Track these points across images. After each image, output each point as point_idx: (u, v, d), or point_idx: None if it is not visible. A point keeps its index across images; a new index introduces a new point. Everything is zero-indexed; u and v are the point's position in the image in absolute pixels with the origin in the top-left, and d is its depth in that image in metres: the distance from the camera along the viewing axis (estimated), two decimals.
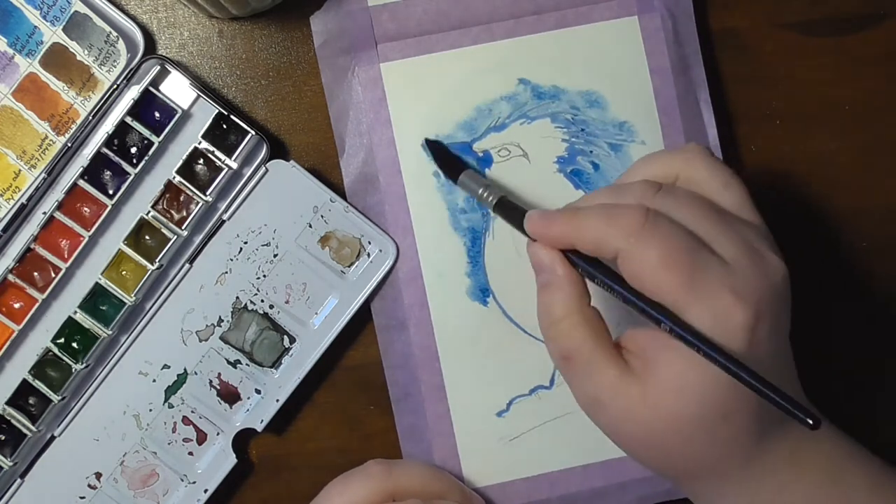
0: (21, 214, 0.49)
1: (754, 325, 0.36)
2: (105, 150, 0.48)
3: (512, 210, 0.45)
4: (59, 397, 0.49)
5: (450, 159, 0.49)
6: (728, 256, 0.37)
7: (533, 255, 0.41)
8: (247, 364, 0.50)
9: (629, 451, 0.41)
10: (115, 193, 0.49)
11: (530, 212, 0.42)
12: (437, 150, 0.49)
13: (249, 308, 0.50)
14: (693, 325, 0.36)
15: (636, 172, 0.42)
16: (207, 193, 0.49)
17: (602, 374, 0.38)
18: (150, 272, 0.49)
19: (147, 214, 0.49)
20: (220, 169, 0.49)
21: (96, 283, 0.49)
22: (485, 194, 0.46)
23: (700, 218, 0.38)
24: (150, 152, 0.49)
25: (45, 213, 0.48)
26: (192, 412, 0.50)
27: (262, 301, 0.50)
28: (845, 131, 0.53)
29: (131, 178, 0.49)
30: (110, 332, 0.49)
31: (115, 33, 0.48)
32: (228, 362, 0.50)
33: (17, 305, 0.49)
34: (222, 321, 0.50)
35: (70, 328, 0.49)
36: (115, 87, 0.49)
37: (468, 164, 0.50)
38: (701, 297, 0.36)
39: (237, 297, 0.50)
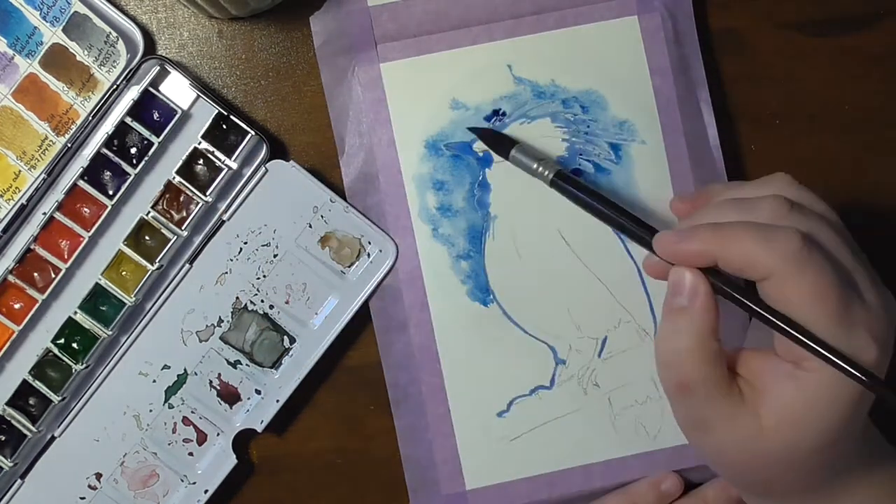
0: (21, 215, 0.49)
1: (879, 361, 0.36)
2: (105, 150, 0.48)
3: (572, 182, 0.45)
4: (60, 398, 0.49)
5: (499, 138, 0.49)
6: (864, 290, 0.37)
7: (675, 275, 0.39)
8: (247, 364, 0.50)
9: (730, 475, 0.41)
10: (115, 194, 0.49)
11: (660, 233, 0.40)
12: (484, 134, 0.49)
13: (249, 308, 0.50)
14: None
15: (732, 192, 0.41)
16: (207, 193, 0.49)
17: (717, 405, 0.38)
18: (150, 272, 0.49)
19: (147, 215, 0.49)
20: (220, 169, 0.49)
21: (96, 284, 0.49)
22: (539, 168, 0.46)
23: (839, 245, 0.37)
24: (150, 153, 0.49)
25: (45, 213, 0.48)
26: (193, 412, 0.50)
27: (262, 301, 0.50)
28: (845, 131, 0.53)
29: (131, 178, 0.49)
30: (110, 333, 0.49)
31: (114, 34, 0.48)
32: (228, 362, 0.50)
33: (17, 306, 0.49)
34: (222, 321, 0.50)
35: (70, 328, 0.49)
36: (114, 87, 0.49)
37: (517, 139, 0.49)
38: (843, 332, 0.36)
39: (237, 298, 0.50)
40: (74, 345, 0.49)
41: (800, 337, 0.36)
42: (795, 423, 0.36)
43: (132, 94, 0.49)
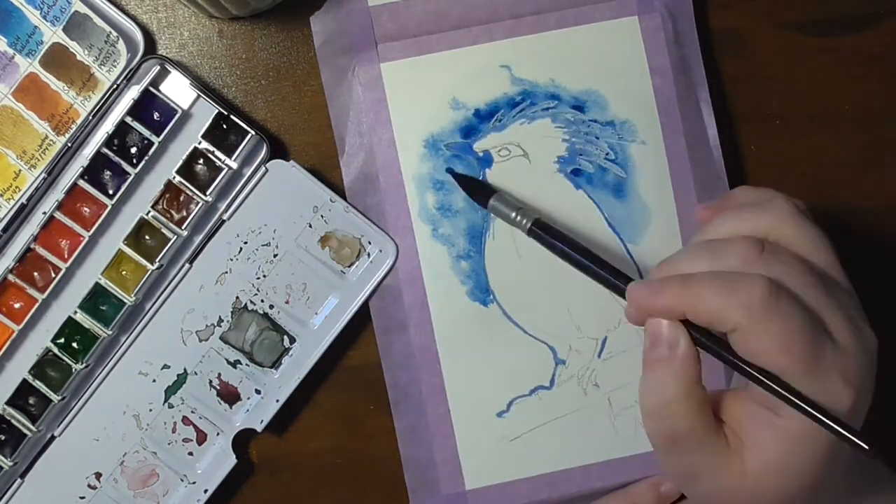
0: (21, 214, 0.49)
1: (856, 404, 0.36)
2: (105, 150, 0.48)
3: (550, 231, 0.44)
4: (59, 397, 0.49)
5: (478, 187, 0.49)
6: (836, 333, 0.37)
7: (653, 327, 0.38)
8: (247, 364, 0.50)
9: None
10: (115, 193, 0.49)
11: (632, 283, 0.40)
12: (464, 181, 0.49)
13: (249, 308, 0.50)
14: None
15: (722, 226, 0.40)
16: (207, 193, 0.49)
17: (705, 453, 0.37)
18: (150, 272, 0.49)
19: (147, 214, 0.49)
20: (220, 169, 0.49)
21: (96, 283, 0.49)
22: (518, 218, 0.46)
23: (811, 287, 0.37)
24: (150, 152, 0.49)
25: (45, 213, 0.48)
26: (192, 412, 0.50)
27: (262, 301, 0.50)
28: (845, 131, 0.53)
29: (131, 178, 0.49)
30: (110, 332, 0.49)
31: (115, 33, 0.48)
32: (228, 362, 0.50)
33: (17, 305, 0.49)
34: (222, 321, 0.50)
35: (70, 328, 0.49)
36: (115, 87, 0.49)
37: (496, 188, 0.49)
38: (814, 379, 0.35)
39: (237, 297, 0.50)
40: (74, 344, 0.49)
41: (773, 386, 0.35)
42: (778, 470, 0.36)
43: (132, 93, 0.49)
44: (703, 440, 0.37)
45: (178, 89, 0.49)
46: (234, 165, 0.49)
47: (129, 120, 0.48)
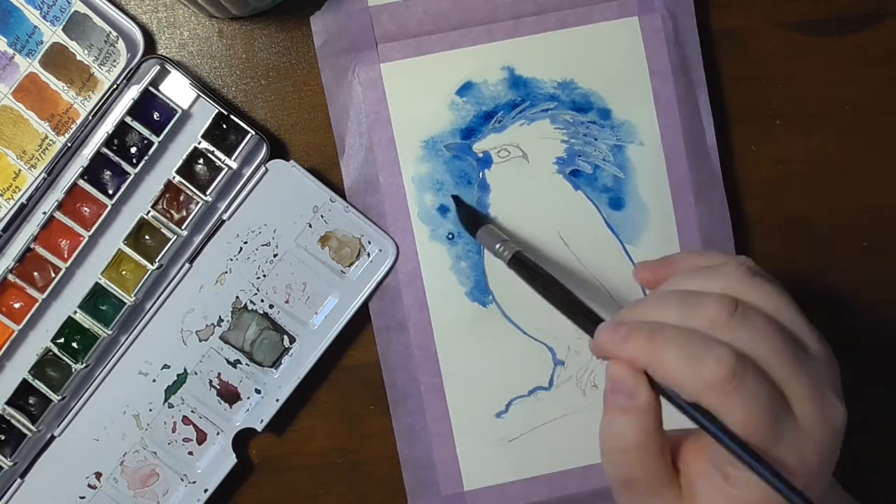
0: (21, 214, 0.49)
1: (812, 481, 0.35)
2: (105, 150, 0.48)
3: (527, 267, 0.44)
4: (59, 397, 0.49)
5: (473, 215, 0.49)
6: (798, 406, 0.36)
7: (614, 373, 0.37)
8: (247, 364, 0.50)
9: None
10: (115, 193, 0.49)
11: (601, 326, 0.38)
12: (463, 209, 0.49)
13: (249, 308, 0.50)
14: None
15: (693, 281, 0.39)
16: (207, 193, 0.49)
17: (659, 498, 0.37)
18: (150, 272, 0.49)
19: (147, 214, 0.49)
20: (220, 169, 0.49)
21: (96, 283, 0.49)
22: (500, 249, 0.46)
23: (779, 354, 0.36)
24: (150, 152, 0.49)
25: (45, 212, 0.48)
26: (192, 412, 0.50)
27: (262, 301, 0.50)
28: (845, 131, 0.53)
29: (131, 178, 0.49)
30: (110, 332, 0.49)
31: (115, 33, 0.48)
32: (228, 362, 0.50)
33: (17, 305, 0.49)
34: (222, 321, 0.50)
35: (70, 328, 0.49)
36: (114, 86, 0.49)
37: (491, 219, 0.49)
38: (771, 456, 0.35)
39: (237, 297, 0.50)
40: (74, 344, 0.49)
41: (736, 450, 0.35)
42: None
43: (132, 93, 0.49)
44: (656, 487, 0.37)
45: (177, 89, 0.49)
46: (234, 165, 0.49)
47: (128, 120, 0.48)
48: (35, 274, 0.49)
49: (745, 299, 0.37)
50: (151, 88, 0.49)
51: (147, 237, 0.49)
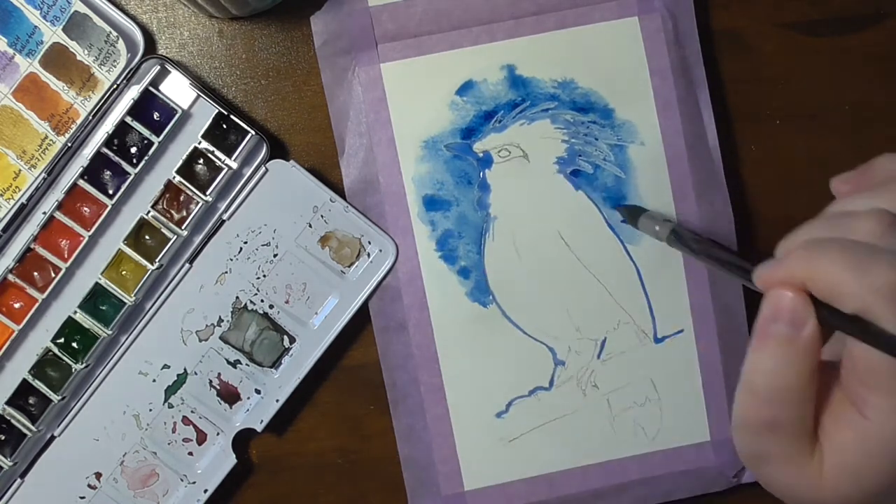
0: (21, 214, 0.49)
1: None
2: (105, 150, 0.48)
3: (684, 240, 0.44)
4: (59, 397, 0.49)
5: (634, 211, 0.49)
6: None
7: (775, 298, 0.33)
8: (247, 364, 0.50)
9: None
10: (115, 193, 0.49)
11: (760, 265, 0.35)
12: (629, 210, 0.50)
13: (249, 308, 0.50)
14: None
15: (856, 202, 0.36)
16: (207, 193, 0.49)
17: (795, 447, 0.34)
18: (150, 272, 0.49)
19: (147, 214, 0.49)
20: (220, 169, 0.49)
21: (96, 283, 0.49)
22: (659, 230, 0.46)
23: None
24: (150, 152, 0.49)
25: (45, 212, 0.48)
26: (192, 412, 0.50)
27: (262, 301, 0.50)
28: (845, 131, 0.53)
29: (131, 178, 0.49)
30: (110, 332, 0.49)
31: (115, 33, 0.48)
32: (228, 362, 0.50)
33: (17, 305, 0.49)
34: (222, 321, 0.50)
35: (70, 328, 0.49)
36: (115, 86, 0.49)
37: (645, 208, 0.50)
38: None
39: (237, 297, 0.50)
40: (74, 344, 0.49)
41: None
42: (854, 475, 0.33)
43: (132, 93, 0.49)
44: (800, 432, 0.34)
45: (177, 89, 0.49)
46: (234, 165, 0.49)
47: (129, 120, 0.48)
48: (35, 274, 0.49)
49: None
50: (151, 88, 0.49)
51: (147, 237, 0.49)
